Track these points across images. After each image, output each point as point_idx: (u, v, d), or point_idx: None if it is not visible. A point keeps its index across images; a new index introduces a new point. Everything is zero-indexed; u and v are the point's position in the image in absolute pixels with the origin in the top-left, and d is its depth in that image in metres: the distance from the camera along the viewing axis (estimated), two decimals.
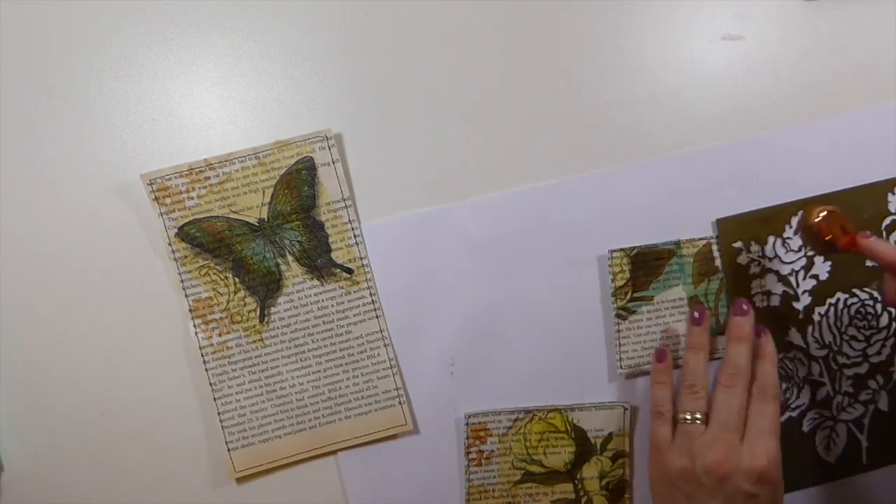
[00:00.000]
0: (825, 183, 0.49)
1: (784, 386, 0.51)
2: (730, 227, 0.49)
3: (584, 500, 0.51)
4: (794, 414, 0.52)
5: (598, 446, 0.51)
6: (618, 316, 0.50)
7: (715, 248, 0.50)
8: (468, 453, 0.50)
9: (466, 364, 0.50)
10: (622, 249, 0.49)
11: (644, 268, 0.49)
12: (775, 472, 0.43)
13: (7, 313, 0.48)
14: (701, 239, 0.50)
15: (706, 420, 0.46)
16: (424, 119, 0.49)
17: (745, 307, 0.47)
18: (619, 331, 0.50)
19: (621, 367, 0.50)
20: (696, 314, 0.48)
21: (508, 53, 0.49)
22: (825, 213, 0.46)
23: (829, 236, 0.46)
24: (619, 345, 0.50)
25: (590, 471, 0.51)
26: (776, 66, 0.50)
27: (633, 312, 0.50)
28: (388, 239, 0.49)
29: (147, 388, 0.49)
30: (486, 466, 0.50)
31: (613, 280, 0.49)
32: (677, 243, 0.50)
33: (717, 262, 0.50)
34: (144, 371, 0.49)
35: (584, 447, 0.51)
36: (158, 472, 0.49)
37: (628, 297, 0.50)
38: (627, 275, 0.49)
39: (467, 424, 0.50)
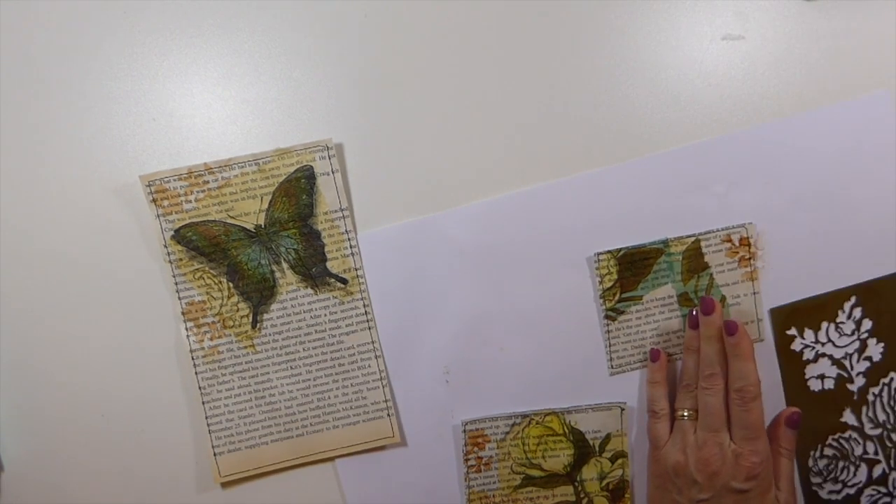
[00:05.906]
0: (812, 176, 0.49)
1: (841, 465, 0.51)
2: (783, 315, 0.49)
3: (584, 501, 0.51)
4: (852, 491, 0.52)
5: (597, 447, 0.51)
6: (607, 317, 0.49)
7: (703, 244, 0.49)
8: (467, 460, 0.50)
9: (461, 371, 0.50)
10: (609, 251, 0.49)
11: (632, 268, 0.49)
12: (764, 468, 0.45)
13: (5, 313, 0.48)
14: (689, 236, 0.49)
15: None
16: (425, 131, 0.48)
17: (712, 304, 0.48)
18: (608, 332, 0.50)
19: (612, 367, 0.50)
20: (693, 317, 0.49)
21: (510, 66, 0.48)
22: None
23: None
24: (610, 346, 0.50)
25: (589, 472, 0.51)
26: (776, 66, 0.49)
27: (623, 313, 0.49)
28: (384, 249, 0.48)
29: (140, 390, 0.49)
30: (486, 472, 0.51)
31: (601, 282, 0.49)
32: (665, 242, 0.49)
33: (706, 258, 0.49)
34: (137, 372, 0.49)
35: (582, 449, 0.51)
36: (149, 475, 0.49)
37: (617, 297, 0.49)
38: (615, 276, 0.49)
39: (465, 431, 0.50)
